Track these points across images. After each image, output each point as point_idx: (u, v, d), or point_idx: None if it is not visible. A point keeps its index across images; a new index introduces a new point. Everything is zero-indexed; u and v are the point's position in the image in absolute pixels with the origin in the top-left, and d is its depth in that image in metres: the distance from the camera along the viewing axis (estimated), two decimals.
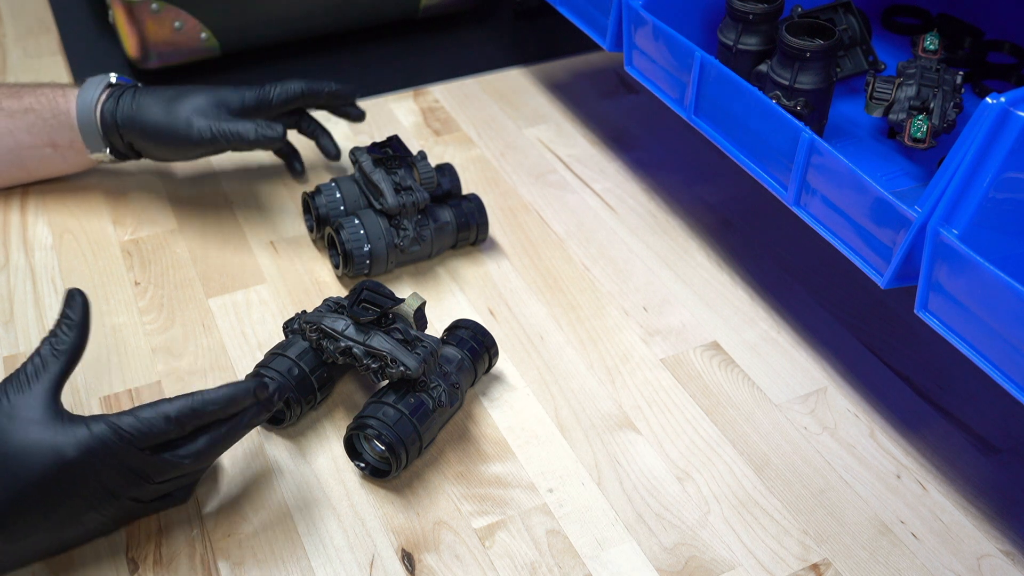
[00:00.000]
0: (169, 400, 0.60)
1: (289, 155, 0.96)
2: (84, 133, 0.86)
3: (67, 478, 0.58)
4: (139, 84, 0.89)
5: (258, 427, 0.73)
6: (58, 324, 0.62)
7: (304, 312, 0.73)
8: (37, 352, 0.61)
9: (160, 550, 0.65)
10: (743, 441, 0.74)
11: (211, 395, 0.61)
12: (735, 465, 0.72)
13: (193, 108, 0.84)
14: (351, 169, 0.95)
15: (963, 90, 0.77)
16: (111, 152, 0.88)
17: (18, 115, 0.86)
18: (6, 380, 0.60)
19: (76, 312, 0.62)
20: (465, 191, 0.92)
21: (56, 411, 0.59)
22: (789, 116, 0.70)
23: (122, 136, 0.86)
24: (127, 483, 0.60)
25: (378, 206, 0.83)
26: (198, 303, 0.83)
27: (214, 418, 0.62)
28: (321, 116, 1.02)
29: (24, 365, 0.60)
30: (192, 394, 0.61)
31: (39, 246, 0.88)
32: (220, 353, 0.79)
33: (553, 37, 1.21)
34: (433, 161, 0.97)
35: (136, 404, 0.66)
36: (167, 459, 0.60)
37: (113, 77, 0.88)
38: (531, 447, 0.73)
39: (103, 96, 0.86)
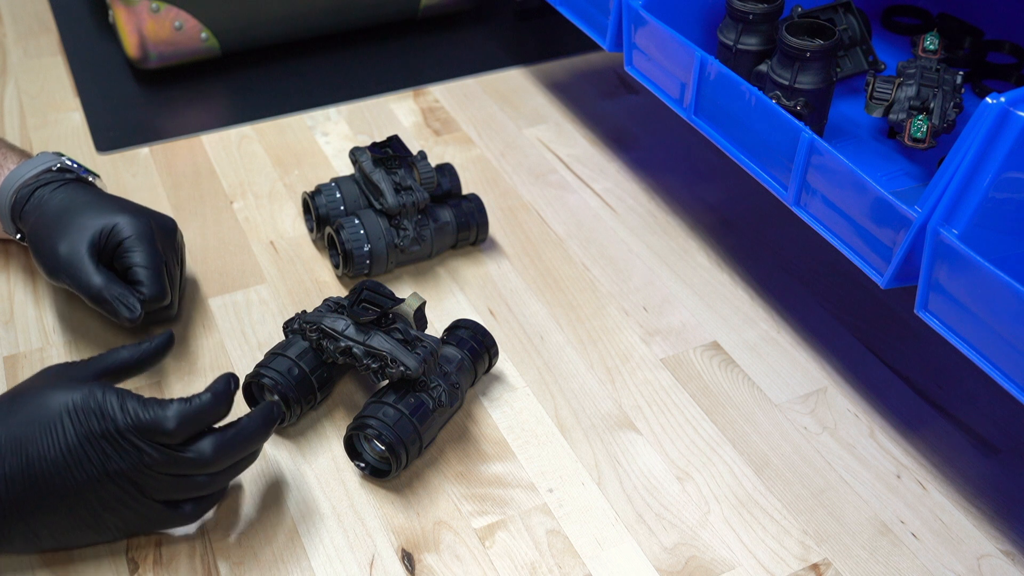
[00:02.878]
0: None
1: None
2: None
3: (73, 423, 0.59)
4: (90, 174, 0.82)
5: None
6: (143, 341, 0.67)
7: (304, 312, 0.73)
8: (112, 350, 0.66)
9: (160, 550, 0.65)
10: (743, 441, 0.74)
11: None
12: (735, 465, 0.72)
13: (69, 234, 0.75)
14: (351, 169, 0.95)
15: (963, 90, 0.77)
16: (21, 239, 0.80)
17: None
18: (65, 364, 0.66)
19: (156, 340, 0.68)
20: (465, 191, 0.92)
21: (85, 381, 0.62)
22: (789, 116, 0.70)
23: (23, 228, 0.79)
24: (126, 454, 0.60)
25: (378, 206, 0.83)
26: (198, 303, 0.83)
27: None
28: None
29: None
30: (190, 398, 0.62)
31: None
32: (220, 353, 0.79)
33: (553, 37, 1.20)
34: (433, 161, 0.97)
35: None
36: (195, 449, 0.61)
37: (58, 164, 0.80)
38: (531, 447, 0.73)
39: (30, 180, 0.79)
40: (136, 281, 0.75)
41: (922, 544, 0.67)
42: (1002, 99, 0.57)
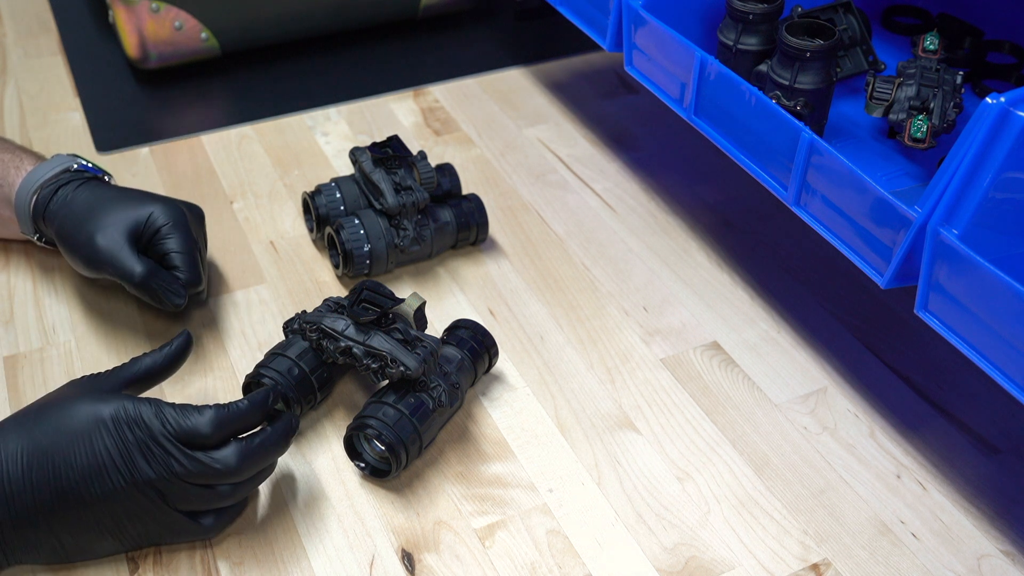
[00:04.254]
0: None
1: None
2: (18, 213, 0.81)
3: (105, 434, 0.60)
4: (104, 174, 0.83)
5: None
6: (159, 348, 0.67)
7: (304, 312, 0.73)
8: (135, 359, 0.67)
9: (160, 550, 0.65)
10: (743, 441, 0.74)
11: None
12: (735, 465, 0.72)
13: (105, 227, 0.76)
14: (351, 169, 0.95)
15: (963, 90, 0.77)
16: (40, 239, 0.82)
17: None
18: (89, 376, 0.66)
19: (175, 343, 0.68)
20: (465, 191, 0.92)
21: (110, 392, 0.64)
22: (789, 116, 0.70)
23: (46, 228, 0.80)
24: (156, 463, 0.60)
25: (378, 206, 0.83)
26: (198, 303, 0.83)
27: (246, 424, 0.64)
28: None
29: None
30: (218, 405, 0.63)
31: (39, 246, 0.88)
32: (220, 353, 0.79)
33: (553, 37, 1.20)
34: (433, 161, 0.97)
35: None
36: (216, 456, 0.61)
37: (75, 164, 0.81)
38: (531, 447, 0.73)
39: (50, 180, 0.80)
40: (173, 267, 0.77)
41: (922, 544, 0.67)
42: (1002, 99, 0.57)
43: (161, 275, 0.76)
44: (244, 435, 0.63)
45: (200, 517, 0.64)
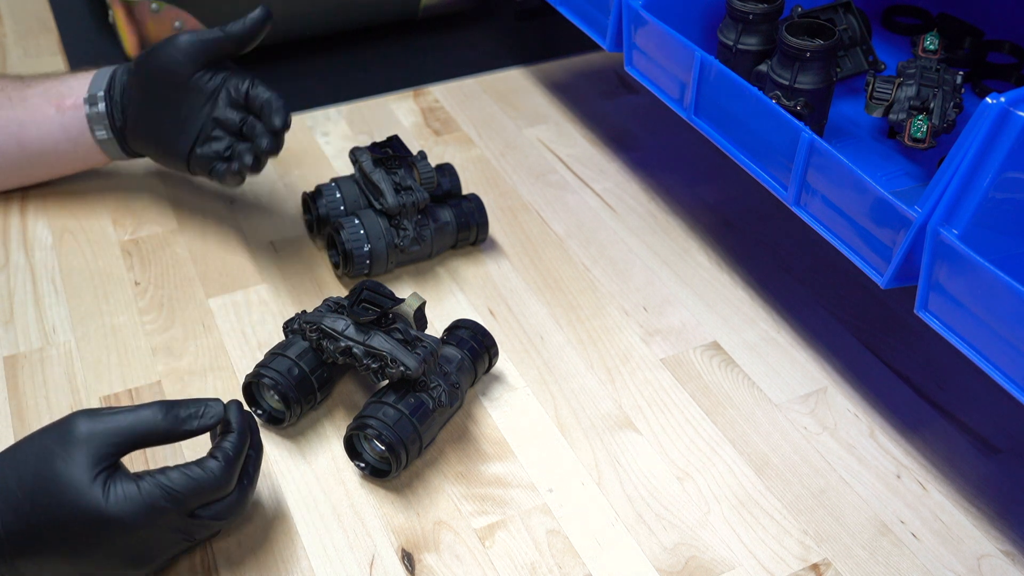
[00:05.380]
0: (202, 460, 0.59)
1: None
2: (90, 92, 0.85)
3: (110, 536, 0.57)
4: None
5: (258, 427, 0.73)
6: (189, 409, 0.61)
7: (304, 312, 0.73)
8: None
9: None
10: (743, 441, 0.74)
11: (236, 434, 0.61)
12: (735, 465, 0.72)
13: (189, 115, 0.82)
14: (351, 169, 0.95)
15: (963, 90, 0.77)
16: (108, 115, 0.86)
17: (31, 88, 0.87)
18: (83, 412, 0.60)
19: (208, 416, 0.61)
20: (465, 191, 0.92)
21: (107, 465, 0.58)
22: (789, 116, 0.70)
23: (122, 98, 0.85)
24: (168, 544, 0.59)
25: (378, 206, 0.83)
26: (198, 303, 0.83)
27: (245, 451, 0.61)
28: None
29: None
30: (221, 445, 0.60)
31: (39, 246, 0.88)
32: (220, 353, 0.79)
33: (553, 37, 1.20)
34: (433, 161, 0.97)
35: (135, 403, 0.66)
36: (205, 523, 0.60)
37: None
38: (531, 447, 0.73)
39: (114, 71, 0.86)
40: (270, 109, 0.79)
41: (922, 544, 0.67)
42: (1002, 99, 0.57)
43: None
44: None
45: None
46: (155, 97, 0.83)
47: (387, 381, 0.69)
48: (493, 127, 1.06)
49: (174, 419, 0.60)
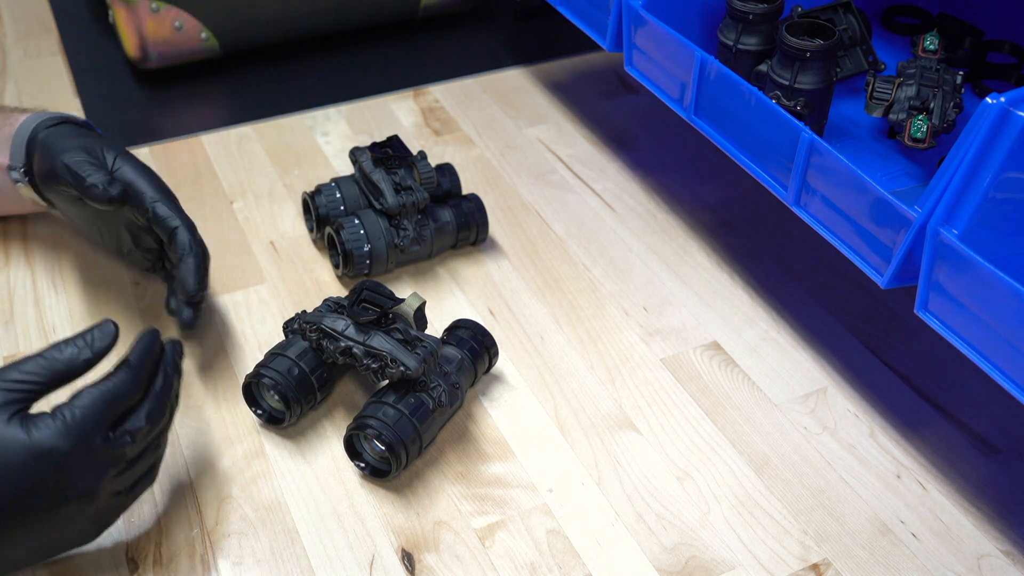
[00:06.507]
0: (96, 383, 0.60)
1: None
2: (13, 148, 0.78)
3: (44, 470, 0.57)
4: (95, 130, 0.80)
5: (258, 428, 0.73)
6: (76, 338, 0.62)
7: (304, 312, 0.73)
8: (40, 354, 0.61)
9: (160, 550, 0.65)
10: (743, 441, 0.74)
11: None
12: (735, 465, 0.72)
13: (70, 147, 0.75)
14: (351, 169, 0.95)
15: (963, 90, 0.77)
16: (26, 176, 0.79)
17: None
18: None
19: (99, 338, 0.63)
20: (465, 191, 0.92)
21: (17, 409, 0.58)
22: (789, 116, 0.70)
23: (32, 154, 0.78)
24: (98, 475, 0.59)
25: (378, 206, 0.83)
26: None
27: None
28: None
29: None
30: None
31: (39, 246, 0.88)
32: (220, 353, 0.79)
33: (553, 37, 1.21)
34: (433, 161, 0.97)
35: None
36: (132, 437, 0.60)
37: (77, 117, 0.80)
38: (531, 447, 0.73)
39: (49, 120, 0.78)
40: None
41: (922, 544, 0.67)
42: (1002, 99, 0.57)
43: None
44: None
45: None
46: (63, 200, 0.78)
47: (387, 381, 0.69)
48: (493, 127, 1.06)
49: (71, 358, 0.61)
